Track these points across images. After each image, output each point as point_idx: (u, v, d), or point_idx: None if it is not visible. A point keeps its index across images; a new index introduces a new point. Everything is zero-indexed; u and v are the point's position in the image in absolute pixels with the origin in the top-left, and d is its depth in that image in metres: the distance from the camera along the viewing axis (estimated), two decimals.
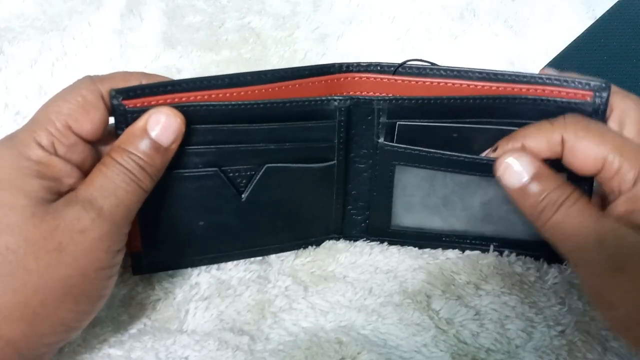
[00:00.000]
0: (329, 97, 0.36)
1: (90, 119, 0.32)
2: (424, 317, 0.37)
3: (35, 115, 0.32)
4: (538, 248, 0.39)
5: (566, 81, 0.35)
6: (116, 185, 0.31)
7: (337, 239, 0.42)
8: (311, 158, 0.38)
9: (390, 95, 0.38)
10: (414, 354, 0.35)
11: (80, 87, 0.32)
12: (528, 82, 0.36)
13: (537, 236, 0.34)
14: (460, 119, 0.37)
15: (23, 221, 0.29)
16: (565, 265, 0.40)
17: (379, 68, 0.38)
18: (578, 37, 0.54)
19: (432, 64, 0.37)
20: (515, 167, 0.34)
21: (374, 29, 0.60)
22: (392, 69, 0.37)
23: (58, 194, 0.31)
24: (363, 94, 0.38)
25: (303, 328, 0.37)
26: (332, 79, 0.37)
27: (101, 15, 0.59)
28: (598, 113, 0.35)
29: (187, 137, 0.34)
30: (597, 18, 0.57)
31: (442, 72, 0.37)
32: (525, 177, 0.33)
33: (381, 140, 0.38)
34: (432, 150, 0.37)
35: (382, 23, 0.61)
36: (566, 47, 0.53)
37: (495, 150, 0.36)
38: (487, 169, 0.35)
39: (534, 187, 0.33)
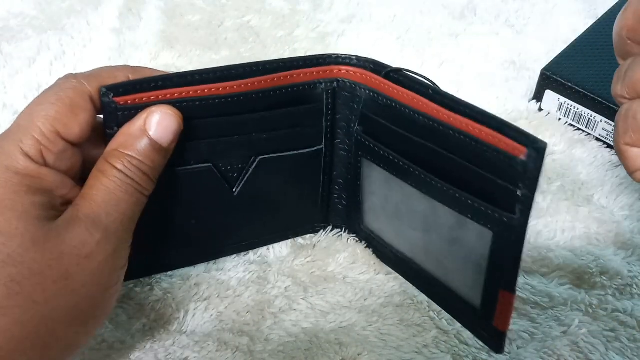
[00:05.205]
0: (316, 80, 0.36)
1: (79, 122, 0.30)
2: (424, 318, 0.37)
3: (19, 121, 0.29)
4: (461, 313, 0.36)
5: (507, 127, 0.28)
6: (119, 198, 0.30)
7: (324, 228, 0.42)
8: (301, 146, 0.38)
9: (374, 88, 0.36)
10: (415, 355, 0.35)
11: (66, 88, 0.30)
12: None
13: (471, 298, 0.31)
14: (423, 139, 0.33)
15: (25, 250, 0.27)
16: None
17: (372, 66, 0.36)
18: (579, 36, 0.54)
19: (431, 81, 0.34)
20: None
21: (374, 27, 0.60)
22: (384, 71, 0.35)
23: (53, 208, 0.29)
24: None
25: (303, 329, 0.37)
26: (323, 70, 0.37)
27: (100, 14, 0.59)
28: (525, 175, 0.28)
29: (181, 133, 0.33)
30: (598, 17, 0.57)
31: (430, 92, 0.33)
32: None
33: (356, 127, 0.37)
34: (392, 153, 0.34)
35: (383, 22, 0.61)
36: (567, 47, 0.53)
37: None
38: (444, 197, 0.31)
39: None
